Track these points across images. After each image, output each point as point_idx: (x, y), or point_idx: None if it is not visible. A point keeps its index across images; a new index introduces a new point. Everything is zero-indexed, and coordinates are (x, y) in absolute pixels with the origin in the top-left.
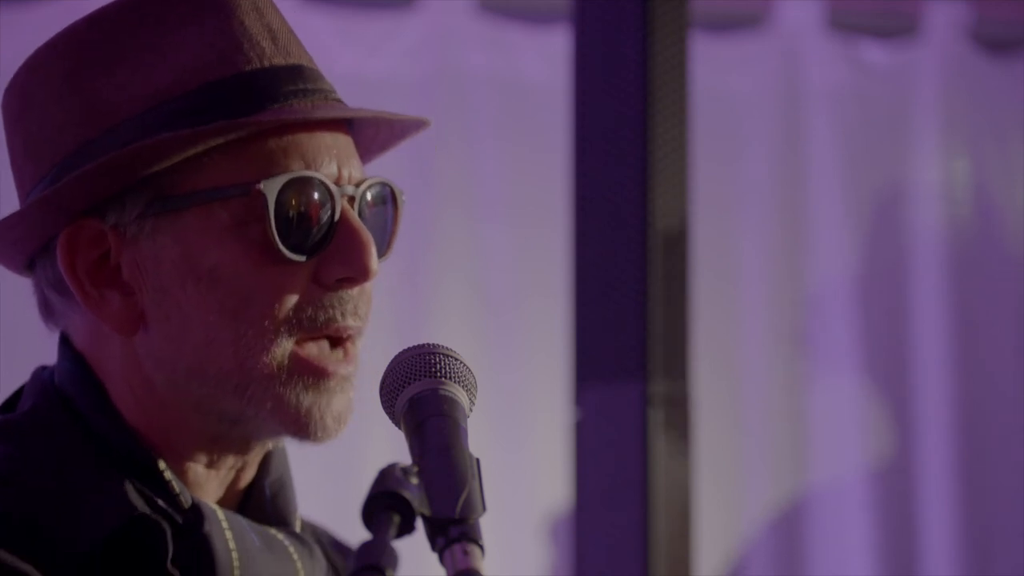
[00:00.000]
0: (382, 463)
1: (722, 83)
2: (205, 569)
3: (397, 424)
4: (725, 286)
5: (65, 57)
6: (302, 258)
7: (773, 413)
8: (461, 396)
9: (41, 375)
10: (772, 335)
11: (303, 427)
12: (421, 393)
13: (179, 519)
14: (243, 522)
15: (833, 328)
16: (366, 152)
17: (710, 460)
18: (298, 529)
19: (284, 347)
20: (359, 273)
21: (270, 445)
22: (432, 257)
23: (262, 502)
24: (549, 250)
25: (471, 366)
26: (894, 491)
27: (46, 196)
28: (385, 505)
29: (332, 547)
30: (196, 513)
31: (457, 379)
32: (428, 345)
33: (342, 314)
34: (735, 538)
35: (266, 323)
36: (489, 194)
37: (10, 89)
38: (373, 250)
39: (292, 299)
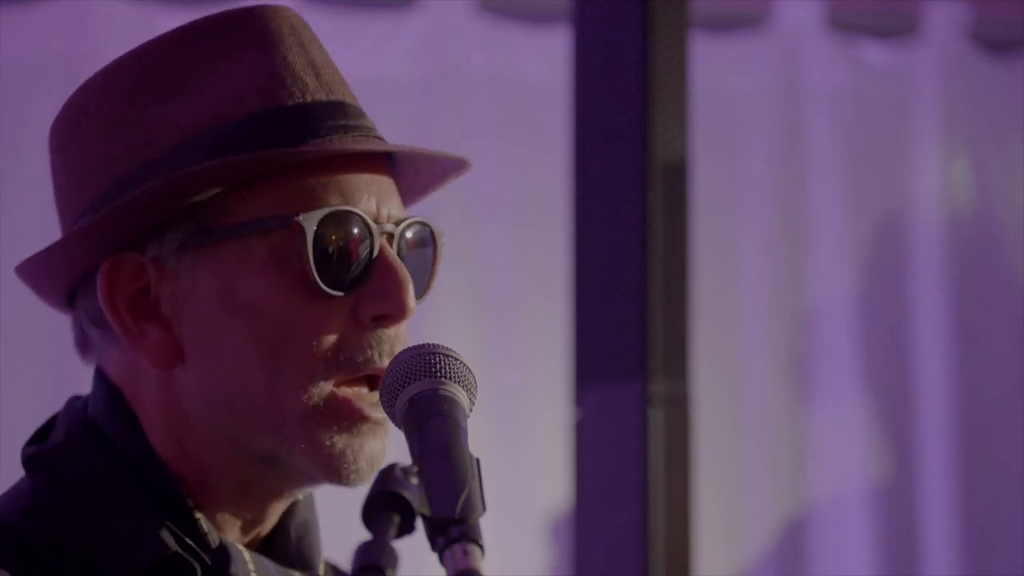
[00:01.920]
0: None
1: (722, 83)
2: None
3: (397, 424)
4: (725, 286)
5: (110, 90)
6: (340, 294)
7: (773, 413)
8: (461, 396)
9: (74, 405)
10: (772, 335)
11: (335, 470)
12: (421, 393)
13: (207, 559)
14: (268, 564)
15: (833, 328)
16: (407, 194)
17: (710, 460)
18: (321, 573)
19: (322, 388)
20: (396, 311)
21: (299, 496)
22: None
23: (287, 545)
24: (549, 250)
25: (471, 366)
26: (895, 492)
27: (86, 227)
28: (385, 505)
29: None
30: (223, 554)
31: (457, 379)
32: (428, 345)
33: (379, 355)
34: (735, 539)
35: (304, 360)
36: (489, 194)
37: (58, 121)
38: (411, 288)
39: (330, 337)
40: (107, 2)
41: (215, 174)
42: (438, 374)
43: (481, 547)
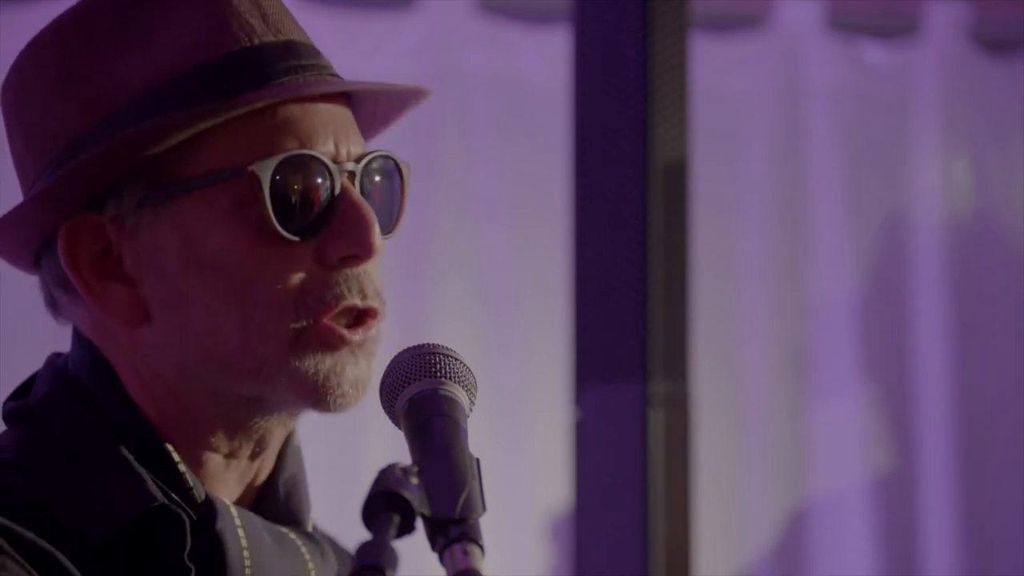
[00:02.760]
0: (382, 463)
1: (722, 83)
2: (216, 565)
3: (397, 424)
4: (725, 286)
5: (56, 49)
6: (297, 238)
7: (773, 413)
8: (461, 396)
9: (55, 361)
10: (772, 335)
11: (321, 396)
12: (421, 393)
13: (192, 513)
14: (256, 520)
15: (833, 328)
16: (368, 127)
17: (710, 460)
18: (310, 529)
19: (292, 328)
20: (361, 250)
21: (291, 425)
22: (432, 257)
23: (276, 500)
24: (549, 250)
25: (471, 366)
26: (895, 490)
27: (42, 191)
28: (385, 505)
29: (338, 552)
30: (209, 508)
31: (457, 379)
32: (428, 345)
33: (348, 291)
34: (735, 539)
35: (272, 306)
36: (489, 194)
37: (7, 85)
38: (376, 226)
39: (295, 280)
40: None
41: (167, 129)
42: (438, 374)
43: (481, 547)
